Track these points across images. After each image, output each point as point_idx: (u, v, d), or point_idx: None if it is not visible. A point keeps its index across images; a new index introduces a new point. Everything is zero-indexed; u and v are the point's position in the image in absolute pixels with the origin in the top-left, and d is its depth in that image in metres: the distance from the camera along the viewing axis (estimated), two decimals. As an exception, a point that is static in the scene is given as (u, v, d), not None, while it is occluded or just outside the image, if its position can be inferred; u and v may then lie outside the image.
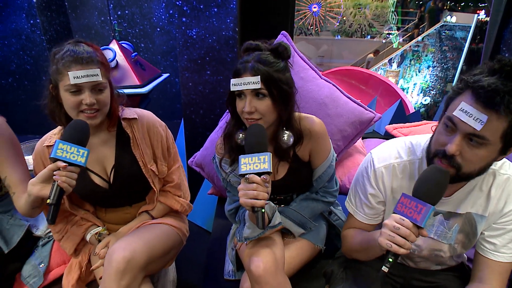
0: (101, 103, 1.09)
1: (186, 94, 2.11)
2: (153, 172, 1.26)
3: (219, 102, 2.13)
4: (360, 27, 13.66)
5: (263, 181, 0.95)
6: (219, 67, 2.03)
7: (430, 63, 11.77)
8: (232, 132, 1.17)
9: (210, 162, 1.74)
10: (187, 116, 2.18)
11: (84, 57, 1.04)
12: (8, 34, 3.25)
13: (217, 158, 1.26)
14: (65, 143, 0.95)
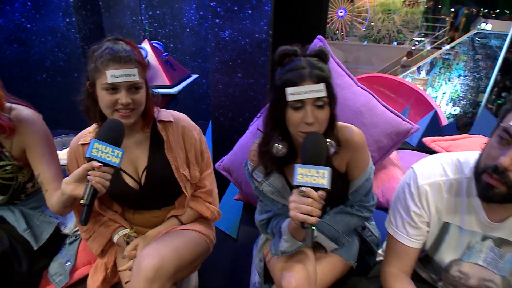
0: (136, 103, 1.06)
1: (216, 96, 2.09)
2: (185, 176, 1.23)
3: (249, 105, 2.09)
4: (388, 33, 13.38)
5: (320, 197, 0.89)
6: (250, 70, 2.00)
7: (461, 72, 11.34)
8: (271, 142, 1.10)
9: (238, 167, 1.70)
10: (216, 119, 2.15)
11: (122, 56, 1.02)
12: (46, 31, 3.35)
13: (249, 166, 1.22)
14: (101, 142, 0.93)
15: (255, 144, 1.20)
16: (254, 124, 1.70)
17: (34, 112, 1.16)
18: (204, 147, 1.29)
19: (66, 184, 0.98)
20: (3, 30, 3.42)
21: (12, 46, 3.46)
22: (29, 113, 1.15)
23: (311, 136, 0.98)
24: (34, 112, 1.16)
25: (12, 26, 3.39)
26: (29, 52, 3.44)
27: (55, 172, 1.14)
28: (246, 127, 2.16)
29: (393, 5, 12.91)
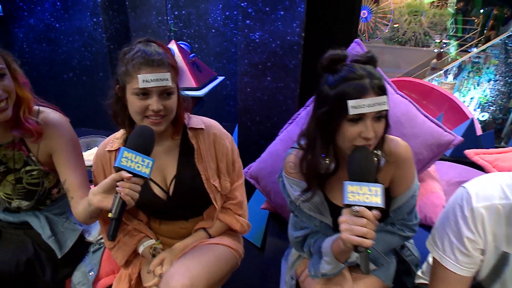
0: (168, 109, 1.00)
1: (243, 100, 2.02)
2: (216, 187, 1.16)
3: (277, 110, 2.01)
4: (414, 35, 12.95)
5: (375, 217, 0.81)
6: (280, 74, 1.92)
7: (492, 76, 10.83)
8: (316, 158, 1.02)
9: (267, 175, 1.62)
10: (242, 123, 2.08)
11: (155, 59, 0.96)
12: (73, 31, 3.38)
13: (285, 179, 1.13)
14: (130, 151, 0.87)
15: (292, 156, 1.12)
16: (285, 131, 1.62)
17: (61, 115, 1.12)
18: (236, 156, 1.22)
19: (93, 195, 0.93)
20: (34, 29, 3.47)
21: (42, 45, 3.51)
22: (56, 116, 1.10)
23: (360, 151, 0.89)
24: (61, 115, 1.12)
25: (42, 25, 3.44)
26: (57, 52, 3.49)
27: (82, 178, 1.09)
28: (273, 132, 2.08)
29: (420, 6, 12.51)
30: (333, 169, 1.05)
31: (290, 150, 1.21)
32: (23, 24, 3.45)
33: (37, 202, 1.17)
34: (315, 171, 1.03)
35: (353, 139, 0.91)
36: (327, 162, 1.01)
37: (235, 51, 3.56)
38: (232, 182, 1.22)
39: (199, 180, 1.14)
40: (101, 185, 0.91)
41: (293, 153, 1.13)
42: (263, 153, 1.69)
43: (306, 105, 1.61)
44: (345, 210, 0.85)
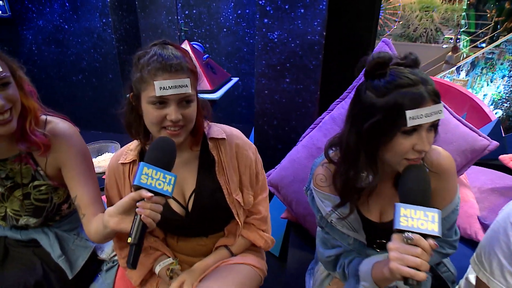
0: (187, 119, 0.91)
1: (260, 103, 1.92)
2: (238, 202, 1.06)
3: (296, 113, 1.90)
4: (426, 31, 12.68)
5: (432, 248, 0.71)
6: (300, 75, 1.81)
7: (506, 73, 10.54)
8: (359, 174, 0.91)
9: (288, 184, 1.52)
10: (259, 127, 1.98)
11: (173, 63, 0.86)
12: (82, 32, 3.31)
13: (315, 192, 1.03)
14: (151, 166, 0.78)
15: (322, 168, 1.02)
16: (307, 137, 1.51)
17: (70, 125, 1.03)
18: (260, 168, 1.12)
19: (109, 217, 0.83)
20: (43, 31, 3.42)
21: (50, 47, 3.46)
22: (65, 127, 1.01)
23: (415, 170, 0.80)
24: (70, 125, 1.03)
25: (50, 27, 3.39)
26: (66, 53, 3.43)
27: (94, 194, 1.00)
28: (292, 137, 1.98)
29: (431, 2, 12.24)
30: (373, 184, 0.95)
31: (318, 160, 1.11)
32: (32, 26, 3.40)
33: (45, 218, 1.09)
34: (354, 187, 0.93)
35: (405, 153, 0.80)
36: (369, 178, 0.91)
37: (247, 51, 3.46)
38: (255, 195, 1.12)
39: (221, 195, 1.04)
40: (119, 206, 0.82)
41: (326, 165, 1.02)
42: (284, 159, 1.59)
43: (330, 108, 1.50)
44: (395, 236, 0.74)
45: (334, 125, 1.41)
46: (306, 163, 1.44)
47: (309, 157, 1.44)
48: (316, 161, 1.12)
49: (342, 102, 1.45)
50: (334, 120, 1.42)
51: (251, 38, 3.39)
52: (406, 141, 0.79)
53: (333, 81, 1.99)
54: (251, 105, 3.72)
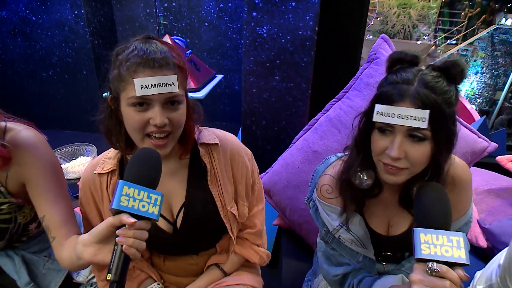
0: (174, 123, 0.78)
1: (248, 102, 1.80)
2: (233, 215, 0.95)
3: (286, 113, 1.80)
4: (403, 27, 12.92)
5: (462, 279, 0.62)
6: (290, 73, 1.71)
7: (479, 69, 10.90)
8: (352, 169, 0.85)
9: (282, 190, 1.42)
10: (247, 127, 1.87)
11: (156, 58, 0.74)
12: (52, 25, 3.07)
13: (320, 204, 0.94)
14: (132, 185, 0.65)
15: (329, 177, 0.92)
16: (301, 139, 1.42)
17: (36, 133, 0.88)
18: (256, 176, 1.01)
19: (84, 246, 0.70)
20: (6, 22, 3.15)
21: (16, 40, 3.20)
22: (29, 135, 0.86)
23: (431, 190, 0.72)
24: (36, 133, 0.88)
25: (15, 18, 3.12)
26: (35, 47, 3.18)
27: (65, 213, 0.86)
28: (281, 137, 1.89)
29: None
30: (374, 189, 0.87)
31: (320, 168, 1.01)
32: (-6, 17, 3.13)
33: (9, 241, 0.94)
34: (351, 186, 0.85)
35: (378, 153, 0.76)
36: (363, 177, 0.84)
37: (230, 46, 3.33)
38: (250, 207, 1.02)
39: (213, 207, 0.93)
40: (94, 234, 0.69)
41: (329, 172, 0.93)
42: (276, 163, 1.49)
43: (325, 109, 1.41)
44: (417, 266, 0.66)
45: (331, 127, 1.32)
46: (301, 168, 1.35)
47: (305, 161, 1.34)
48: (318, 169, 1.02)
49: (338, 102, 1.36)
50: (331, 122, 1.33)
51: (234, 33, 3.26)
52: (380, 141, 0.74)
53: (323, 79, 1.90)
54: (234, 103, 3.60)
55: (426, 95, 0.69)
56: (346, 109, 1.31)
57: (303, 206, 1.34)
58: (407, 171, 0.74)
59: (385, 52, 1.33)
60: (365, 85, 1.30)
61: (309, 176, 1.34)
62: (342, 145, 1.28)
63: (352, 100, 1.31)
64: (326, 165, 1.00)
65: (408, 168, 0.74)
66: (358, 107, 1.28)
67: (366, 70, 1.32)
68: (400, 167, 0.73)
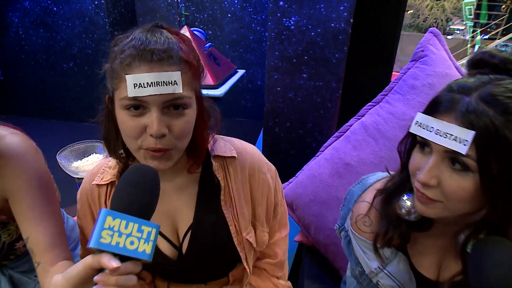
0: (176, 133, 0.63)
1: (271, 101, 1.64)
2: (249, 243, 0.80)
3: (313, 114, 1.63)
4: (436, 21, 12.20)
5: None
6: (319, 70, 1.53)
7: (519, 67, 10.17)
8: (399, 199, 0.67)
9: (307, 204, 1.25)
10: (269, 128, 1.71)
11: (156, 49, 0.58)
12: (73, 15, 3.02)
13: (354, 238, 0.77)
14: (119, 215, 0.51)
15: (366, 205, 0.75)
16: (330, 148, 1.24)
17: (23, 140, 0.75)
18: (280, 197, 0.85)
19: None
20: (29, 13, 3.12)
21: (39, 31, 3.16)
22: (13, 142, 0.74)
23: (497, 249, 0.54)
24: (23, 140, 0.75)
25: (38, 9, 3.08)
26: (56, 38, 3.13)
27: (52, 234, 0.73)
28: (307, 141, 1.71)
29: (443, -10, 11.77)
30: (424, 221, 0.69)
31: (355, 190, 0.84)
32: (17, 8, 3.10)
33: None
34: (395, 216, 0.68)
35: (412, 174, 0.62)
36: (409, 205, 0.66)
37: (254, 39, 3.16)
38: (271, 233, 0.86)
39: (226, 233, 0.78)
40: (70, 276, 0.55)
41: (367, 199, 0.76)
42: (301, 173, 1.32)
43: (359, 114, 1.22)
44: None
45: (367, 136, 1.14)
46: (330, 182, 1.18)
47: (334, 174, 1.17)
48: (352, 191, 0.85)
49: (376, 107, 1.18)
50: (366, 130, 1.15)
51: (258, 24, 3.09)
52: (416, 158, 0.61)
53: (355, 78, 1.71)
54: (257, 99, 3.44)
55: (480, 111, 0.51)
56: (386, 115, 1.12)
57: (331, 225, 1.17)
58: (441, 206, 0.57)
59: (434, 49, 1.12)
60: (409, 88, 1.11)
61: (339, 192, 1.16)
62: (380, 159, 1.10)
63: (392, 106, 1.12)
64: (363, 187, 0.82)
65: (442, 202, 0.56)
66: (400, 113, 1.09)
67: (410, 70, 1.12)
68: (431, 197, 0.57)
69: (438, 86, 1.08)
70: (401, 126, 1.06)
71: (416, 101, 1.06)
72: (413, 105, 1.06)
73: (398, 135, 1.06)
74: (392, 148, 1.07)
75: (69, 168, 1.69)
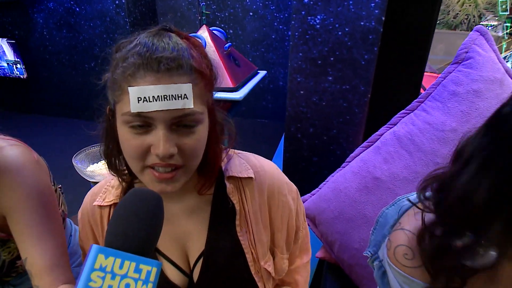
0: (186, 154, 0.55)
1: (294, 105, 1.54)
2: (267, 272, 0.71)
3: (338, 120, 1.51)
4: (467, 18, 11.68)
5: None
6: (346, 72, 1.41)
7: (558, 65, 9.59)
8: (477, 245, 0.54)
9: (330, 220, 1.15)
10: (291, 134, 1.61)
11: (164, 57, 0.51)
12: (94, 15, 3.02)
13: (390, 269, 0.66)
14: (113, 252, 0.43)
15: (405, 234, 0.64)
16: (358, 159, 1.13)
17: (22, 152, 0.70)
18: (302, 220, 0.76)
19: None
20: (53, 14, 3.15)
21: (62, 31, 3.19)
22: (12, 155, 0.68)
23: None
24: (22, 152, 0.70)
25: (61, 9, 3.11)
26: (78, 38, 3.15)
27: (52, 255, 0.67)
28: (331, 149, 1.60)
29: (476, -15, 11.23)
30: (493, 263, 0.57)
31: (390, 212, 0.73)
32: (42, 9, 3.13)
33: None
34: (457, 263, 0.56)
35: None
36: (492, 254, 0.54)
37: (276, 38, 3.06)
38: (291, 259, 0.77)
39: (242, 261, 0.70)
40: None
41: (407, 227, 0.65)
42: (325, 185, 1.22)
43: (391, 122, 1.11)
44: None
45: (400, 147, 1.02)
46: (357, 197, 1.07)
47: (362, 189, 1.06)
48: (386, 213, 0.74)
49: (410, 115, 1.06)
50: (399, 141, 1.03)
51: (280, 23, 2.98)
52: None
53: (384, 81, 1.58)
54: (278, 100, 3.34)
55: None
56: (422, 125, 1.00)
57: (356, 245, 1.07)
58: None
59: (481, 50, 0.99)
60: (450, 94, 0.98)
61: (367, 209, 1.05)
62: (414, 174, 0.97)
63: (430, 114, 0.99)
64: (399, 209, 0.71)
65: None
66: (438, 124, 0.96)
67: (452, 74, 1.00)
68: None
69: (485, 93, 0.95)
70: (439, 138, 0.94)
71: (458, 110, 0.93)
72: (455, 114, 0.94)
73: (436, 148, 0.94)
74: (429, 163, 0.95)
75: (85, 172, 1.65)
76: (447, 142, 0.91)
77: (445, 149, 0.91)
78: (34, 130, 3.27)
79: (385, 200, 0.99)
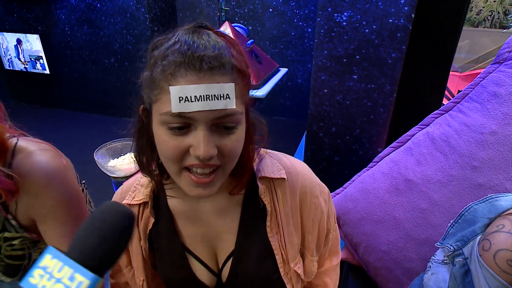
0: (226, 155, 0.54)
1: (317, 104, 1.51)
2: (297, 274, 0.70)
3: (362, 119, 1.48)
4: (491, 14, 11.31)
5: None
6: (372, 71, 1.38)
7: None
8: None
9: (356, 222, 1.12)
10: (313, 133, 1.59)
11: (206, 56, 0.49)
12: (115, 11, 3.04)
13: (481, 270, 0.63)
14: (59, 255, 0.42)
15: (510, 236, 0.60)
16: (388, 159, 1.10)
17: (53, 157, 0.69)
18: (333, 222, 0.74)
19: None
20: (75, 10, 3.19)
21: (83, 27, 3.23)
22: (43, 161, 0.67)
23: None
24: (53, 157, 0.69)
25: (83, 5, 3.15)
26: (98, 34, 3.18)
27: None
28: (353, 148, 1.57)
29: (501, -20, 10.86)
30: None
31: (482, 209, 0.71)
32: (64, 5, 3.18)
33: (23, 277, 0.78)
34: None
35: None
36: None
37: (295, 35, 3.03)
38: (321, 261, 0.75)
39: (272, 263, 0.69)
40: None
41: (507, 229, 0.61)
42: (351, 185, 1.19)
43: (423, 123, 1.07)
44: None
45: (434, 149, 0.98)
46: (387, 199, 1.04)
47: (393, 191, 1.03)
48: (475, 209, 0.71)
49: (445, 115, 1.02)
50: (433, 142, 0.99)
51: (300, 20, 2.94)
52: None
53: (410, 80, 1.54)
54: (296, 97, 3.31)
55: None
56: (458, 127, 0.96)
57: (385, 247, 1.04)
58: None
59: (522, 49, 0.94)
60: (490, 95, 0.94)
61: (397, 211, 1.02)
62: (450, 178, 0.94)
63: (468, 116, 0.95)
64: (494, 209, 0.67)
65: None
66: (477, 126, 0.92)
67: (492, 74, 0.95)
68: None
69: (526, 94, 0.90)
70: (477, 141, 0.90)
71: (499, 111, 0.89)
72: (495, 116, 0.89)
73: (473, 150, 0.90)
74: (465, 166, 0.91)
75: (106, 167, 1.67)
76: (485, 145, 0.87)
77: (482, 153, 0.87)
78: (56, 124, 3.34)
79: (416, 203, 0.96)
